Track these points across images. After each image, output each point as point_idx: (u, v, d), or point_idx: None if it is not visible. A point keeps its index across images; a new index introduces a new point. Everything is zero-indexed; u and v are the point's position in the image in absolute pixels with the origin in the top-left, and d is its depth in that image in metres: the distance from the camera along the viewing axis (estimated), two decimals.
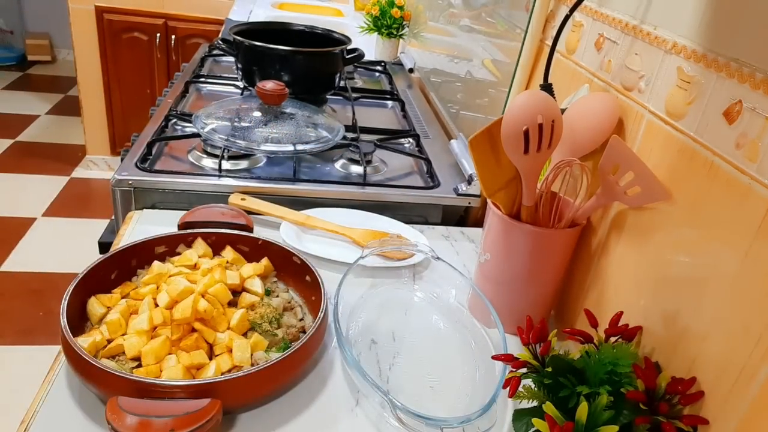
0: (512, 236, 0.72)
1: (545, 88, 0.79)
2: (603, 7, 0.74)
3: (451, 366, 0.71)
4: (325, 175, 1.05)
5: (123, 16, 2.66)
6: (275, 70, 1.23)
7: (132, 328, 0.63)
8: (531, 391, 0.56)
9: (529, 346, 0.59)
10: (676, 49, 0.60)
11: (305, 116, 1.10)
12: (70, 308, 0.62)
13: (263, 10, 2.24)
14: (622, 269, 0.67)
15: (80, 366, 0.56)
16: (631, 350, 0.55)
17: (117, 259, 0.72)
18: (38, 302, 2.12)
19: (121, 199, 0.94)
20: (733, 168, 0.51)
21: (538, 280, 0.74)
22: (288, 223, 0.91)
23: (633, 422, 0.50)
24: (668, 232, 0.60)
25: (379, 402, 0.63)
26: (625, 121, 0.68)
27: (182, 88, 1.32)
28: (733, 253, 0.50)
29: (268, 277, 0.78)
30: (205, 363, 0.62)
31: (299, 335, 0.69)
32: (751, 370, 0.47)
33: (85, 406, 0.59)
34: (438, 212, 1.04)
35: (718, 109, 0.53)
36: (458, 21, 1.37)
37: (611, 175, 0.63)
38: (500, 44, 1.08)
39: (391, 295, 0.83)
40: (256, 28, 1.36)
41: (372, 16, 1.81)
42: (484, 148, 0.70)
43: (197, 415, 0.52)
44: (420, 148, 1.20)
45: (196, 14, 2.69)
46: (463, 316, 0.79)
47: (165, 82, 2.74)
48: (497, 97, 1.07)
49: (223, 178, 0.97)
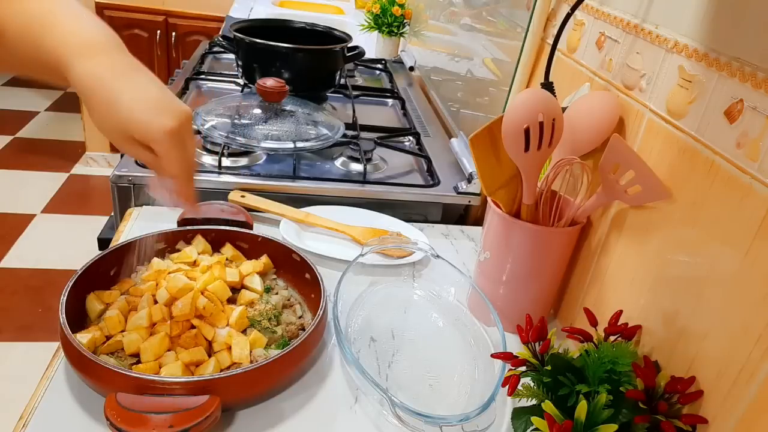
0: (512, 235, 0.72)
1: (546, 86, 0.79)
2: (604, 5, 0.74)
3: (451, 364, 0.71)
4: (325, 172, 1.05)
5: (123, 12, 2.65)
6: (276, 68, 1.23)
7: (131, 325, 0.63)
8: (530, 390, 0.56)
9: (528, 344, 0.59)
10: (677, 48, 0.60)
11: (305, 114, 1.10)
12: (69, 304, 0.62)
13: (264, 8, 2.24)
14: (622, 268, 0.67)
15: (79, 362, 0.56)
16: (630, 349, 0.55)
17: (116, 255, 0.72)
18: (37, 298, 2.12)
19: (120, 196, 0.94)
20: (734, 167, 0.51)
21: (538, 278, 0.74)
22: (288, 221, 0.91)
23: (632, 421, 0.50)
24: (668, 231, 0.60)
25: (378, 400, 0.63)
26: (626, 120, 0.68)
27: (182, 85, 1.31)
28: (733, 252, 0.50)
29: (268, 275, 0.78)
30: (204, 360, 0.62)
31: (298, 332, 0.69)
32: (750, 369, 0.47)
33: (83, 402, 0.59)
34: (438, 210, 1.04)
35: (719, 109, 0.53)
36: (459, 19, 1.37)
37: (612, 174, 0.63)
38: (501, 43, 1.08)
39: (391, 293, 0.83)
40: (257, 26, 1.36)
41: (373, 14, 1.81)
42: (485, 146, 0.70)
43: (196, 412, 0.52)
44: (420, 146, 1.20)
45: (197, 11, 2.69)
46: (463, 314, 0.79)
47: (165, 79, 2.73)
48: (498, 95, 1.07)
49: (223, 175, 0.97)
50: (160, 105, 0.51)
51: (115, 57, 0.51)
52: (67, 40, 0.49)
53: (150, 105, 0.51)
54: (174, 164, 0.53)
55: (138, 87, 0.51)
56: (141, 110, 0.51)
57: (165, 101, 0.52)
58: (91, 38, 0.50)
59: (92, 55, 0.49)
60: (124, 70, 0.51)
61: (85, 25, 0.51)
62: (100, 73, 0.50)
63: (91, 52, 0.50)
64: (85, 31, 0.50)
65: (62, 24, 0.50)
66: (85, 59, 0.49)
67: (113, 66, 0.50)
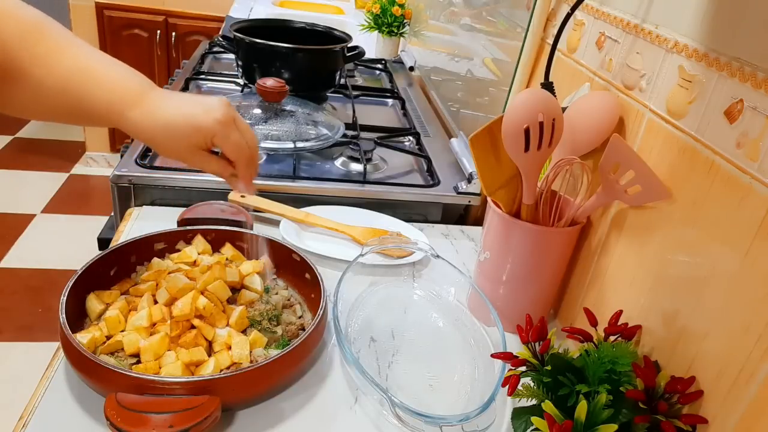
0: (512, 235, 0.72)
1: (546, 86, 0.79)
2: (604, 5, 0.74)
3: (451, 364, 0.71)
4: (325, 172, 1.05)
5: (123, 12, 2.65)
6: (275, 68, 1.23)
7: (131, 325, 0.63)
8: (530, 390, 0.56)
9: (528, 344, 0.59)
10: (677, 48, 0.60)
11: (305, 114, 1.10)
12: (69, 304, 0.62)
13: (264, 8, 2.24)
14: (621, 268, 0.67)
15: (79, 362, 0.56)
16: (630, 349, 0.55)
17: (116, 255, 0.72)
18: (37, 298, 2.12)
19: (120, 196, 0.94)
20: (734, 167, 0.51)
21: (538, 278, 0.74)
22: (288, 221, 0.91)
23: (632, 421, 0.50)
24: (668, 231, 0.60)
25: (378, 400, 0.63)
26: (626, 120, 0.68)
27: (182, 85, 1.31)
28: (733, 252, 0.50)
29: (268, 275, 0.78)
30: (204, 360, 0.62)
31: (298, 333, 0.69)
32: (750, 369, 0.47)
33: (83, 402, 0.59)
34: (438, 210, 1.04)
35: (719, 109, 0.53)
36: (459, 19, 1.37)
37: (612, 174, 0.63)
38: (501, 43, 1.08)
39: (391, 293, 0.83)
40: (257, 26, 1.36)
41: (373, 14, 1.81)
42: (485, 146, 0.70)
43: (196, 412, 0.52)
44: (420, 146, 1.20)
45: (197, 11, 2.69)
46: (463, 314, 0.79)
47: (165, 79, 2.73)
48: (498, 95, 1.07)
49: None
50: (201, 106, 0.59)
51: (154, 97, 0.58)
52: (113, 92, 0.56)
53: (198, 109, 0.58)
54: (235, 149, 0.60)
55: (179, 104, 0.59)
56: (193, 118, 0.58)
57: (203, 101, 0.60)
58: (131, 87, 0.58)
59: (137, 102, 0.57)
60: (163, 100, 0.58)
61: (122, 75, 0.58)
62: (148, 116, 0.57)
63: (135, 99, 0.57)
64: (123, 81, 0.58)
65: (102, 78, 0.56)
66: (134, 107, 0.57)
67: (156, 105, 0.58)
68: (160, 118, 0.57)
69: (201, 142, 0.58)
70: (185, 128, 0.57)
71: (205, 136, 0.58)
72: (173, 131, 0.57)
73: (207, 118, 0.58)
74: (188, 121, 0.57)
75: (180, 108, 0.58)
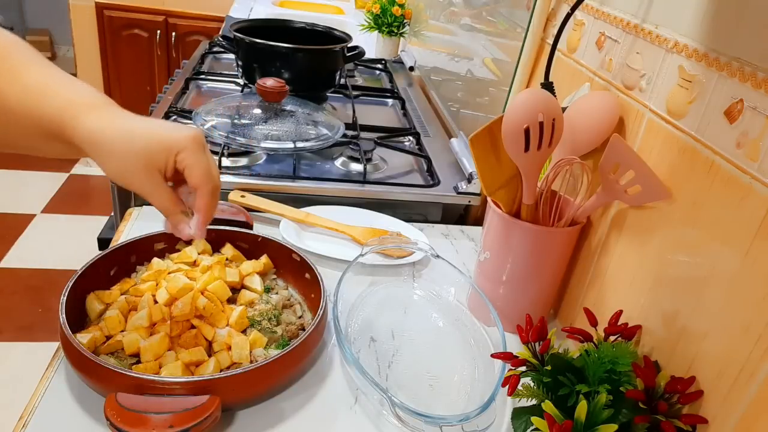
0: (512, 235, 0.72)
1: (546, 86, 0.79)
2: (604, 5, 0.74)
3: (451, 364, 0.71)
4: (325, 172, 1.05)
5: (123, 12, 2.65)
6: (275, 68, 1.23)
7: (131, 325, 0.63)
8: (530, 390, 0.56)
9: (528, 344, 0.59)
10: (677, 48, 0.60)
11: (305, 114, 1.10)
12: (69, 304, 0.62)
13: (264, 8, 2.24)
14: (621, 268, 0.67)
15: (79, 362, 0.56)
16: (630, 349, 0.55)
17: (116, 255, 0.72)
18: (37, 298, 2.12)
19: (120, 196, 0.94)
20: (734, 167, 0.51)
21: (538, 278, 0.74)
22: (288, 221, 0.91)
23: (632, 421, 0.50)
24: (668, 231, 0.60)
25: (378, 400, 0.63)
26: (626, 120, 0.68)
27: (182, 85, 1.31)
28: (733, 252, 0.50)
29: (268, 275, 0.78)
30: (204, 360, 0.62)
31: (298, 332, 0.69)
32: (750, 369, 0.47)
33: (83, 402, 0.59)
34: (438, 210, 1.04)
35: (719, 108, 0.53)
36: (459, 19, 1.37)
37: (611, 174, 0.63)
38: (501, 43, 1.08)
39: (391, 293, 0.83)
40: (257, 26, 1.36)
41: (373, 14, 1.81)
42: (485, 146, 0.70)
43: (196, 412, 0.52)
44: (420, 146, 1.20)
45: (197, 11, 2.69)
46: (463, 314, 0.79)
47: (165, 79, 2.74)
48: (498, 95, 1.07)
49: (223, 175, 0.97)
50: (171, 123, 0.55)
51: (114, 109, 0.54)
52: (67, 104, 0.52)
53: (165, 126, 0.54)
54: (204, 172, 0.54)
55: (145, 121, 0.54)
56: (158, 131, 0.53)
57: (174, 124, 0.56)
58: (88, 100, 0.53)
59: (93, 111, 0.52)
60: (126, 115, 0.54)
61: (80, 91, 0.54)
62: (106, 121, 0.52)
63: (91, 109, 0.52)
64: (81, 95, 0.53)
65: (58, 92, 0.52)
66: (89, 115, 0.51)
67: (115, 113, 0.53)
68: (120, 125, 0.52)
69: (162, 160, 0.52)
70: (149, 139, 0.52)
71: (169, 151, 0.52)
72: (134, 141, 0.51)
73: (177, 132, 0.53)
74: (154, 131, 0.52)
75: (145, 120, 0.53)
